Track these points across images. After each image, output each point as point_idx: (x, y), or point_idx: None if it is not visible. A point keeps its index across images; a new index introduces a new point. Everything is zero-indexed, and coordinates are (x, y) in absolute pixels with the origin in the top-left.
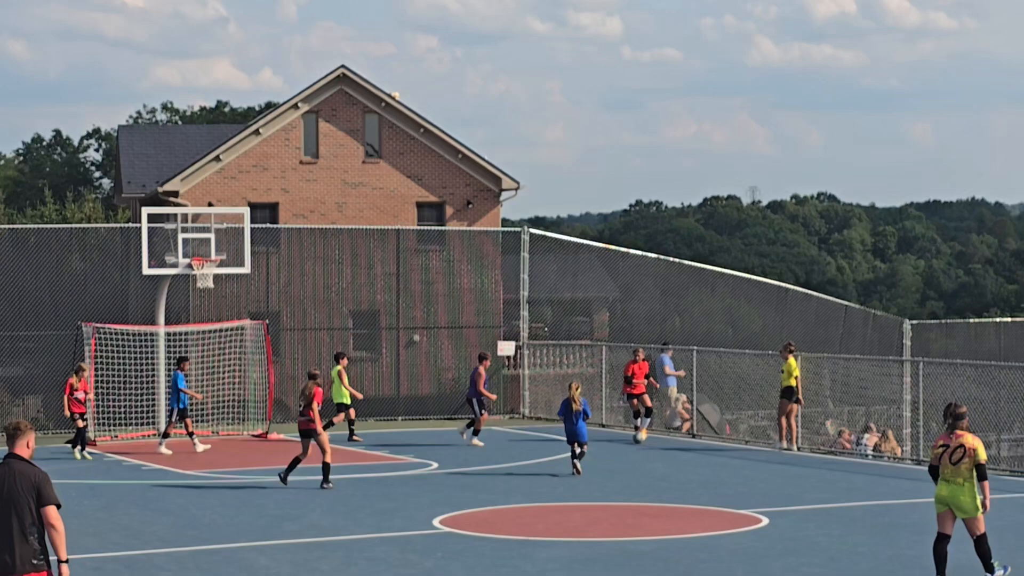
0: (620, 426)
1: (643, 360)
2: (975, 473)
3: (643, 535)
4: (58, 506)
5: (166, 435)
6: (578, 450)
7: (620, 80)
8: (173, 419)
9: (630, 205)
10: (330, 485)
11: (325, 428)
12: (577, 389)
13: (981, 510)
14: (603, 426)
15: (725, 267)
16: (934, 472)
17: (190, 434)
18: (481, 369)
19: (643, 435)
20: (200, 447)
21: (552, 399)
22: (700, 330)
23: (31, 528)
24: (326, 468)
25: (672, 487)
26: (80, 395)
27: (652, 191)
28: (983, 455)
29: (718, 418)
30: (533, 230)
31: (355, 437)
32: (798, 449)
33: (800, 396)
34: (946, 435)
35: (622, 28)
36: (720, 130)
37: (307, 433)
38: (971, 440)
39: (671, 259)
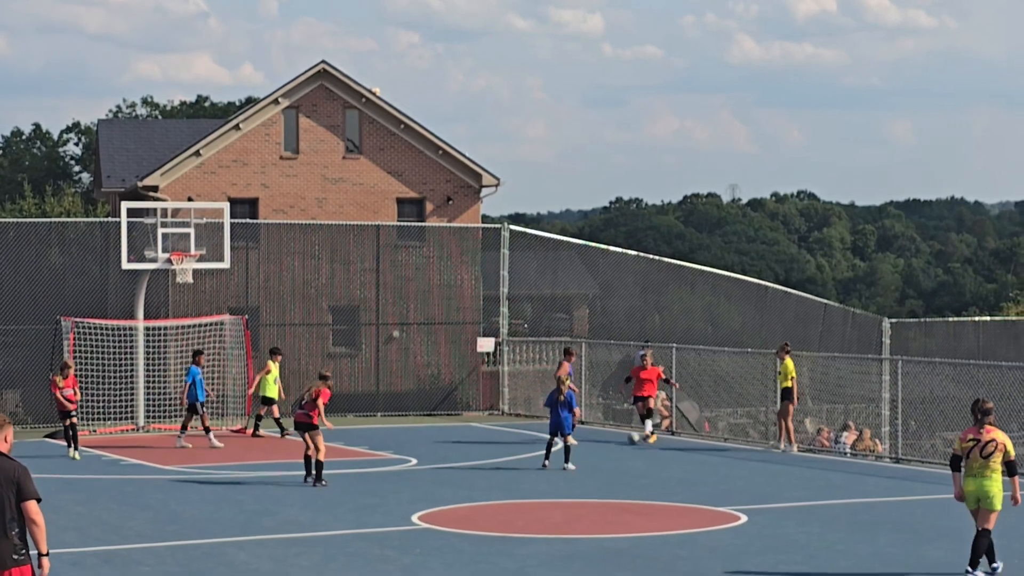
0: (599, 423)
1: (652, 364)
2: (1005, 468)
3: (622, 532)
4: (38, 500)
5: (207, 429)
6: (559, 443)
7: (601, 77)
8: (202, 411)
9: (610, 202)
10: (324, 483)
11: (257, 427)
12: (566, 381)
13: (1011, 503)
14: (583, 423)
15: (705, 265)
16: (955, 462)
17: (183, 428)
18: (566, 364)
19: (652, 439)
20: (182, 443)
21: (531, 396)
22: (680, 327)
23: (11, 523)
24: (319, 466)
25: (651, 484)
26: (68, 392)
27: (633, 188)
28: (1012, 451)
29: (697, 415)
30: (513, 227)
31: (287, 434)
32: (797, 450)
33: (796, 397)
34: (975, 429)
35: (603, 25)
36: (701, 128)
37: (302, 427)
38: (1002, 436)
39: (651, 256)
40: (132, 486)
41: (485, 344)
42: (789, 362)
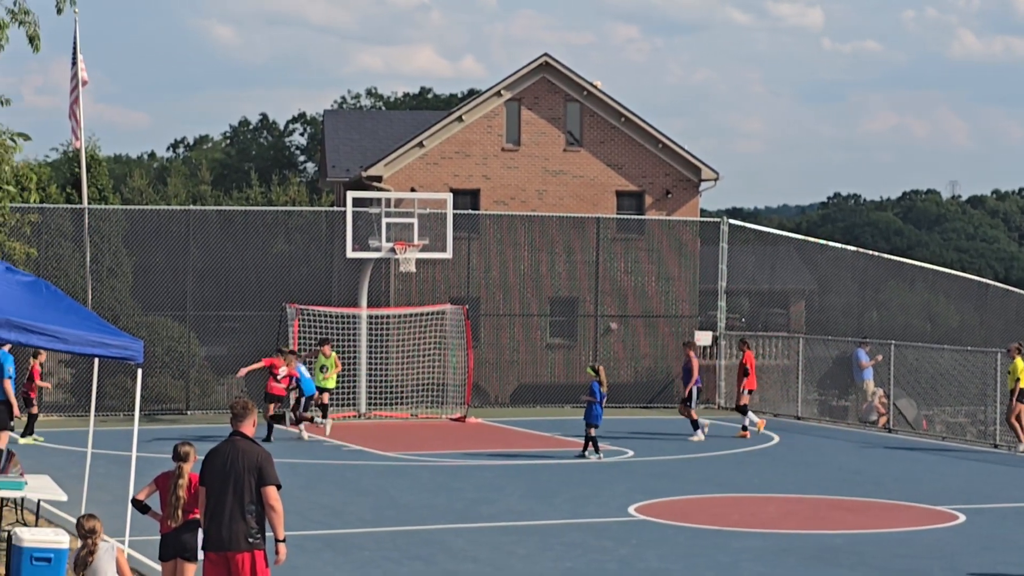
0: (815, 419)
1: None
2: None
3: (837, 528)
4: (279, 487)
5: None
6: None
7: (819, 72)
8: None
9: (828, 198)
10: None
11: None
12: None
13: None
14: (798, 418)
15: (923, 261)
16: None
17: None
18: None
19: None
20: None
21: None
22: (898, 324)
23: (249, 506)
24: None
25: (867, 481)
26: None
27: (849, 184)
28: None
29: (915, 413)
30: (732, 221)
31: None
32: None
33: (1014, 396)
34: None
35: (823, 19)
36: (920, 123)
37: (277, 399)
38: None
39: (870, 252)
40: (353, 471)
41: (703, 338)
42: (1019, 362)
